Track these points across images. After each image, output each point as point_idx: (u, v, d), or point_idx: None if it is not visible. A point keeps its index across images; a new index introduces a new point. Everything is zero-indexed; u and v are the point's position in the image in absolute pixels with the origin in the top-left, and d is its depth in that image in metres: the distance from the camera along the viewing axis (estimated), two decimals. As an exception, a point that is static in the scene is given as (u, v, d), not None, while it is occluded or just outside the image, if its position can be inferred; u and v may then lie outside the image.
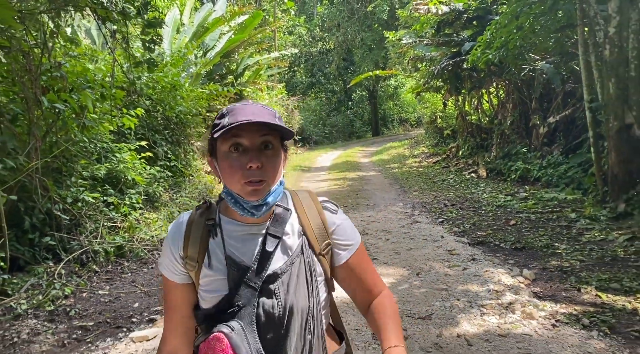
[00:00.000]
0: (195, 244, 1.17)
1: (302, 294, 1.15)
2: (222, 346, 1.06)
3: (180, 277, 1.20)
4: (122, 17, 5.00)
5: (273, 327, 1.12)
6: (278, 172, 1.14)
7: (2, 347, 3.66)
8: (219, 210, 1.22)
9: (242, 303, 1.11)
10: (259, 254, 1.14)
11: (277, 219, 1.17)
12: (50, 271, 4.96)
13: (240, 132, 1.07)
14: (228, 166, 1.10)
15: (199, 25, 11.25)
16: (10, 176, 4.58)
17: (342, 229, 1.25)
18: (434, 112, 16.34)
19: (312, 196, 1.29)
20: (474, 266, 4.71)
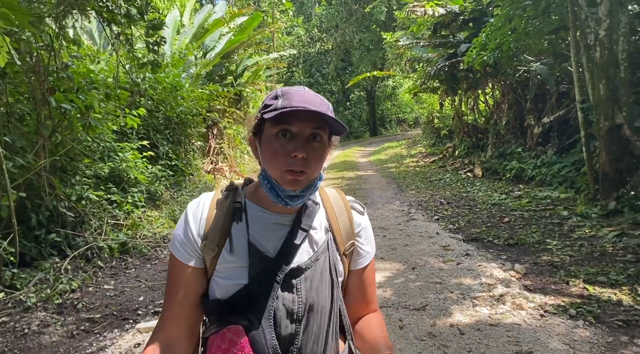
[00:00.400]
0: (217, 227, 1.10)
1: (324, 292, 1.11)
2: (239, 338, 1.01)
3: (195, 259, 1.11)
4: (126, 19, 5.16)
5: (290, 323, 1.07)
6: (320, 166, 1.08)
7: (13, 338, 3.81)
8: (245, 195, 1.16)
9: (260, 295, 1.05)
10: (284, 246, 1.09)
11: (307, 212, 1.12)
12: (56, 267, 5.11)
13: (291, 119, 1.03)
14: (273, 150, 1.04)
15: (199, 26, 11.41)
16: (19, 174, 4.73)
17: (366, 232, 1.23)
18: (431, 113, 16.52)
19: (341, 194, 1.25)
20: (467, 261, 4.87)
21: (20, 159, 4.50)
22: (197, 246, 1.11)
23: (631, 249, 4.85)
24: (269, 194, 1.07)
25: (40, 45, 4.94)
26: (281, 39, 26.29)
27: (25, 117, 5.25)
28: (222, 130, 12.39)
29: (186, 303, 1.12)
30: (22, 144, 4.76)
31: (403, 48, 12.62)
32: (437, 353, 3.12)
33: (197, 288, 1.12)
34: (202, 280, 1.12)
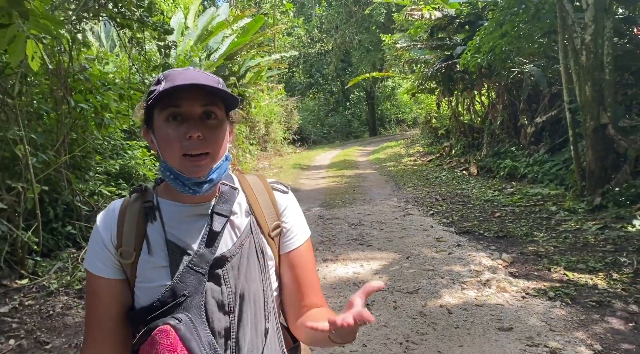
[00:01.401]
0: (130, 232, 1.04)
1: (254, 278, 1.05)
2: (169, 339, 0.94)
3: (114, 271, 1.04)
4: (139, 24, 5.50)
5: (223, 315, 1.01)
6: (222, 145, 1.02)
7: (40, 318, 4.15)
8: (157, 193, 1.10)
9: (188, 292, 0.99)
10: (205, 236, 1.03)
11: (224, 197, 1.07)
12: (73, 257, 5.45)
13: (178, 101, 0.97)
14: (165, 136, 0.98)
15: (203, 28, 11.75)
16: (40, 170, 5.07)
17: (292, 212, 1.17)
18: (429, 113, 16.88)
19: (261, 178, 1.20)
20: (458, 251, 5.22)
21: (44, 155, 4.84)
22: (112, 255, 1.04)
23: (611, 240, 5.20)
24: (174, 185, 1.02)
25: (58, 49, 5.29)
26: (282, 40, 26.64)
27: (44, 116, 5.61)
28: (225, 129, 12.73)
29: (112, 321, 1.04)
30: (43, 141, 5.10)
31: (401, 50, 12.98)
32: (427, 329, 3.46)
33: (120, 301, 1.05)
34: (125, 291, 1.05)
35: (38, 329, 3.94)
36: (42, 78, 5.42)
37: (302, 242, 1.16)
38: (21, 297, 4.43)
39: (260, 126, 17.41)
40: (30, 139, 4.84)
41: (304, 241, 1.17)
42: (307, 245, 1.17)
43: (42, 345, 3.71)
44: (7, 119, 4.61)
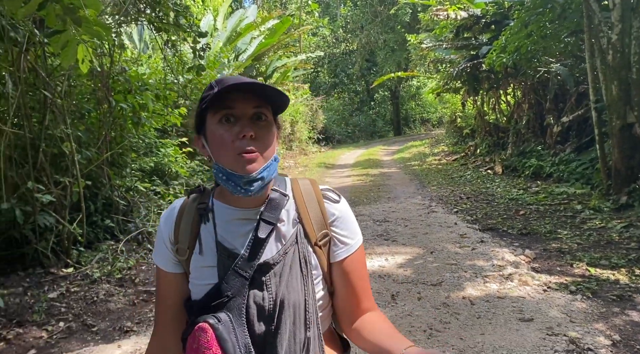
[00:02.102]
0: (186, 231, 1.12)
1: (295, 287, 1.07)
2: (206, 337, 1.00)
3: (173, 265, 1.15)
4: (175, 28, 5.78)
5: (263, 321, 1.05)
6: (272, 146, 1.07)
7: (85, 304, 4.45)
8: (213, 194, 1.16)
9: (231, 293, 1.04)
10: (251, 241, 1.08)
11: (272, 204, 1.11)
12: (112, 248, 5.77)
13: (231, 103, 1.03)
14: (219, 137, 1.04)
15: (231, 30, 12.05)
16: (84, 166, 5.39)
17: (343, 221, 1.17)
18: (454, 113, 16.87)
19: (313, 184, 1.20)
20: (481, 247, 5.34)
21: (87, 152, 5.16)
22: (171, 251, 1.14)
23: (636, 238, 5.24)
24: (226, 186, 1.06)
25: (100, 52, 5.61)
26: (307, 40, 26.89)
27: (86, 115, 5.94)
28: (251, 128, 13.04)
29: (173, 309, 1.16)
30: (86, 139, 5.42)
31: (426, 50, 13.05)
32: (450, 318, 3.62)
33: (180, 293, 1.15)
34: (184, 284, 1.15)
35: (84, 314, 4.24)
36: (84, 79, 5.75)
37: (354, 250, 1.17)
38: (67, 284, 4.75)
39: (285, 125, 17.70)
40: (75, 136, 5.17)
41: (356, 248, 1.17)
42: (359, 252, 1.18)
43: (89, 328, 4.00)
44: (54, 118, 4.94)
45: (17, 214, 4.48)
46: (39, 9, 3.23)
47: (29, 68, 4.79)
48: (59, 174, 5.01)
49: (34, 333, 3.86)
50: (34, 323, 3.99)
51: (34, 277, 4.78)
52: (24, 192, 4.67)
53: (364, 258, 1.21)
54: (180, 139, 8.69)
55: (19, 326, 3.91)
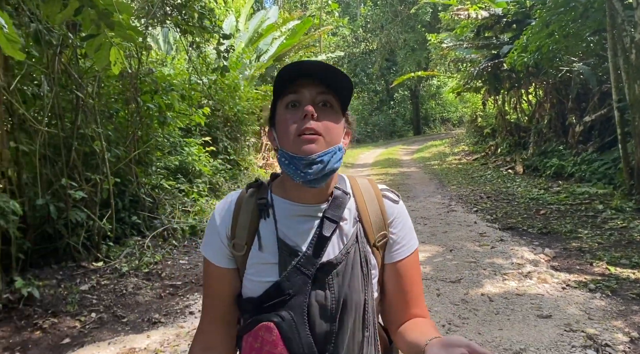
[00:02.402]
0: (244, 226, 1.09)
1: (357, 287, 1.06)
2: (271, 336, 0.99)
3: (227, 261, 1.11)
4: (200, 30, 5.95)
5: (324, 321, 1.03)
6: (335, 133, 1.03)
7: (115, 296, 4.64)
8: (271, 189, 1.14)
9: (293, 292, 1.02)
10: (314, 239, 1.05)
11: (336, 202, 1.08)
12: (139, 244, 5.96)
13: (298, 88, 1.02)
14: (283, 121, 1.03)
15: (253, 31, 12.23)
16: (113, 164, 5.60)
17: (401, 223, 1.15)
18: (474, 112, 16.80)
19: (372, 183, 1.19)
20: (501, 246, 5.38)
21: (117, 151, 5.35)
22: (226, 246, 1.10)
23: (658, 238, 5.22)
24: (287, 171, 1.03)
25: (128, 54, 5.80)
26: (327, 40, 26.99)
27: (114, 115, 6.16)
28: (273, 128, 13.20)
29: (223, 305, 1.12)
30: (115, 137, 5.63)
31: (447, 49, 13.04)
32: (468, 314, 3.69)
33: (231, 289, 1.11)
34: (236, 280, 1.11)
35: (114, 305, 4.42)
36: (113, 80, 5.96)
37: (409, 253, 1.14)
38: (98, 277, 4.94)
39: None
40: (105, 135, 5.37)
41: (412, 252, 1.15)
42: (414, 256, 1.16)
43: (119, 319, 4.18)
44: (85, 118, 5.14)
45: (52, 210, 4.69)
46: (75, 14, 3.41)
47: (62, 70, 5.01)
48: (90, 171, 5.21)
49: (67, 323, 4.05)
50: (67, 313, 4.18)
51: (66, 270, 4.99)
52: (57, 189, 4.88)
53: (418, 263, 1.17)
54: (203, 138, 8.89)
55: (53, 316, 4.10)
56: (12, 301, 4.07)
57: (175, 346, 3.56)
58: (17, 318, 3.97)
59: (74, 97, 5.09)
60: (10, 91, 4.25)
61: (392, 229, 1.13)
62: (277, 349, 0.99)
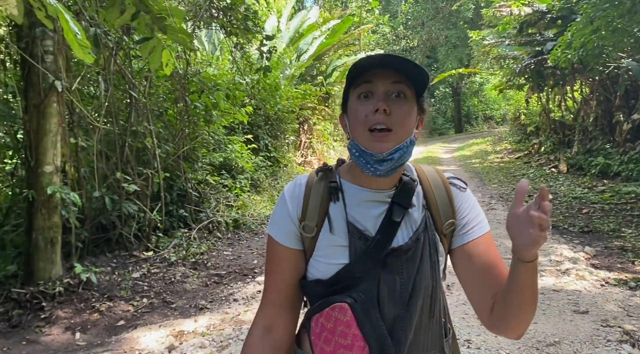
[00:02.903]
0: (314, 208, 1.09)
1: (426, 273, 1.06)
2: (345, 317, 1.00)
3: (294, 242, 1.11)
4: (245, 32, 6.19)
5: (393, 305, 1.04)
6: (407, 127, 1.02)
7: (164, 284, 4.93)
8: (339, 174, 1.14)
9: (362, 275, 1.03)
10: (384, 224, 1.06)
11: (405, 189, 1.08)
12: (186, 236, 6.27)
13: (371, 78, 1.02)
14: (355, 112, 1.03)
15: (294, 31, 12.46)
16: (163, 159, 5.92)
17: (469, 206, 1.13)
18: (518, 109, 16.47)
19: (438, 171, 1.18)
20: (540, 243, 5.36)
21: (167, 147, 5.67)
22: (295, 227, 1.11)
23: None
24: (357, 162, 1.04)
25: (177, 55, 6.11)
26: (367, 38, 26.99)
27: (163, 113, 6.49)
28: (312, 126, 13.41)
29: (285, 285, 1.13)
30: (165, 134, 5.95)
31: (489, 47, 12.88)
32: (503, 308, 3.74)
33: (296, 270, 1.13)
34: (301, 262, 1.12)
35: (164, 292, 4.72)
36: (163, 80, 6.29)
37: (483, 232, 1.11)
38: (148, 266, 5.26)
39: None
40: (156, 132, 5.69)
41: (485, 232, 1.12)
42: (489, 237, 1.12)
43: (168, 304, 4.46)
44: (138, 116, 5.47)
45: (107, 202, 5.03)
46: (132, 18, 3.68)
47: (117, 71, 5.35)
48: (142, 166, 5.54)
49: (122, 307, 4.36)
50: (121, 298, 4.50)
51: (119, 258, 5.33)
52: (112, 182, 5.23)
53: (494, 245, 1.13)
54: (245, 136, 9.18)
55: (109, 300, 4.42)
56: (72, 285, 4.41)
57: (220, 329, 3.79)
58: (77, 300, 4.30)
59: (128, 97, 5.42)
60: (71, 91, 4.60)
61: (460, 215, 1.12)
62: (350, 330, 1.00)
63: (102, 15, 4.57)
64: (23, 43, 4.34)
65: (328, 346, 1.03)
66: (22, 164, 4.75)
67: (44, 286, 4.25)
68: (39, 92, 4.34)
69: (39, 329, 3.90)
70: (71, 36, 2.28)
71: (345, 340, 1.01)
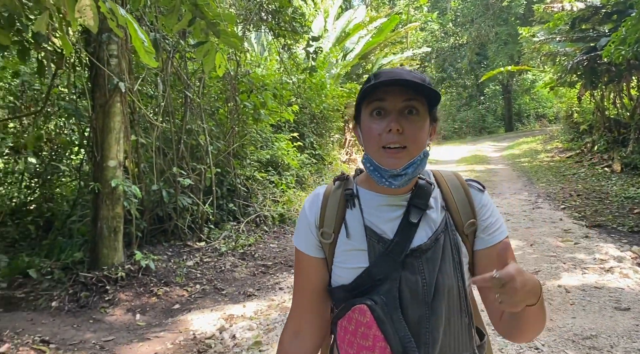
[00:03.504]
0: (331, 216, 1.13)
1: (449, 273, 1.06)
2: (365, 318, 1.03)
3: (316, 250, 1.15)
4: (292, 34, 6.43)
5: (417, 306, 1.04)
6: (420, 141, 1.05)
7: (215, 272, 5.25)
8: (357, 182, 1.18)
9: (383, 277, 1.05)
10: (401, 226, 1.08)
11: (421, 191, 1.11)
12: (235, 228, 6.59)
13: (383, 95, 1.04)
14: (368, 129, 1.06)
15: (340, 30, 12.65)
16: (214, 156, 6.26)
17: (489, 210, 1.14)
18: (570, 107, 15.97)
19: (457, 175, 1.20)
20: (585, 242, 5.32)
21: (218, 144, 6.00)
22: (315, 236, 1.15)
23: None
24: (372, 176, 1.07)
25: (229, 57, 6.44)
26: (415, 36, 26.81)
27: (215, 112, 6.85)
28: (357, 124, 13.57)
29: (311, 293, 1.17)
30: (216, 132, 6.29)
31: (539, 43, 12.58)
32: (542, 303, 3.80)
33: (319, 277, 1.16)
34: (323, 269, 1.16)
35: (215, 279, 5.03)
36: (215, 81, 6.64)
37: (502, 238, 1.11)
38: (201, 255, 5.60)
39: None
40: (208, 130, 6.04)
41: (504, 237, 1.12)
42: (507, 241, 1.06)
43: (219, 291, 4.76)
44: (192, 115, 5.82)
45: (164, 195, 5.40)
46: (189, 24, 3.99)
47: (173, 73, 5.71)
48: (195, 162, 5.89)
49: (177, 292, 4.70)
50: (177, 284, 4.84)
51: (174, 248, 5.71)
52: (169, 177, 5.60)
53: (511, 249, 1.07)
54: (292, 134, 9.46)
55: (166, 285, 4.77)
56: (133, 271, 4.78)
57: (267, 314, 4.04)
58: (137, 285, 4.67)
59: (183, 97, 5.78)
60: (133, 91, 4.98)
61: (481, 216, 1.13)
62: (371, 331, 1.02)
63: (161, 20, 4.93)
64: (91, 48, 4.75)
65: (351, 348, 1.06)
66: (89, 160, 5.19)
67: (108, 271, 4.65)
68: (105, 93, 4.73)
69: (104, 309, 4.27)
70: (139, 43, 2.57)
71: (366, 341, 1.03)
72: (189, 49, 5.42)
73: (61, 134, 6.20)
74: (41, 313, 4.19)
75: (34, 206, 6.36)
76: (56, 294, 4.42)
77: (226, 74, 6.20)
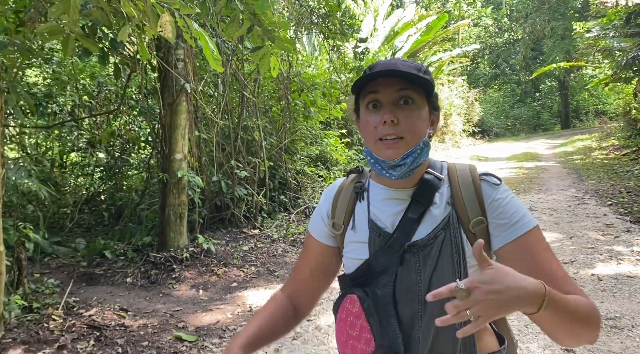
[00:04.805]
0: (342, 207, 1.17)
1: (445, 272, 1.03)
2: (354, 308, 1.05)
3: (327, 238, 1.20)
4: (342, 36, 6.83)
5: (410, 303, 1.04)
6: (418, 130, 1.04)
7: (267, 256, 5.74)
8: (370, 175, 1.20)
9: (381, 270, 1.07)
10: (402, 221, 1.08)
11: (425, 186, 1.10)
12: (286, 218, 7.08)
13: (377, 87, 1.03)
14: (365, 123, 1.06)
15: (390, 29, 12.91)
16: (267, 150, 6.77)
17: (502, 205, 1.05)
18: (628, 104, 15.47)
19: (472, 168, 1.14)
20: (625, 236, 5.41)
21: (271, 140, 6.50)
22: (326, 225, 1.20)
23: None
24: (374, 168, 1.09)
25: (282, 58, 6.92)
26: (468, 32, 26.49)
27: (268, 110, 7.36)
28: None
29: (307, 270, 1.23)
30: (270, 128, 6.79)
31: (592, 39, 12.35)
32: (574, 289, 4.01)
33: (321, 262, 1.21)
34: (331, 257, 1.20)
35: (268, 263, 5.52)
36: (269, 81, 7.14)
37: (522, 232, 1.02)
38: (255, 241, 6.12)
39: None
40: (262, 127, 6.55)
41: (526, 231, 1.02)
42: (531, 236, 1.02)
43: (272, 273, 5.24)
44: (248, 113, 6.34)
45: (223, 186, 5.95)
46: (248, 31, 4.47)
47: (232, 74, 6.25)
48: (251, 156, 6.42)
49: (234, 272, 5.22)
50: (234, 265, 5.36)
51: (232, 234, 6.25)
52: (227, 169, 6.15)
53: (542, 242, 1.03)
54: (340, 130, 9.86)
55: (224, 266, 5.30)
56: (196, 253, 5.34)
57: (314, 293, 4.46)
58: (199, 265, 5.23)
59: (240, 96, 6.31)
60: (197, 92, 5.54)
61: (491, 213, 1.06)
62: (358, 321, 1.05)
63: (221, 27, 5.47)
64: (161, 52, 5.34)
65: (342, 335, 1.10)
66: (157, 153, 5.81)
67: (174, 252, 5.22)
68: (172, 93, 5.30)
69: (171, 285, 4.84)
70: (209, 52, 3.04)
71: (354, 331, 1.06)
72: (246, 52, 5.92)
73: (131, 131, 6.91)
74: (118, 287, 4.80)
75: (105, 195, 7.12)
76: (130, 271, 5.04)
77: (279, 75, 6.69)
